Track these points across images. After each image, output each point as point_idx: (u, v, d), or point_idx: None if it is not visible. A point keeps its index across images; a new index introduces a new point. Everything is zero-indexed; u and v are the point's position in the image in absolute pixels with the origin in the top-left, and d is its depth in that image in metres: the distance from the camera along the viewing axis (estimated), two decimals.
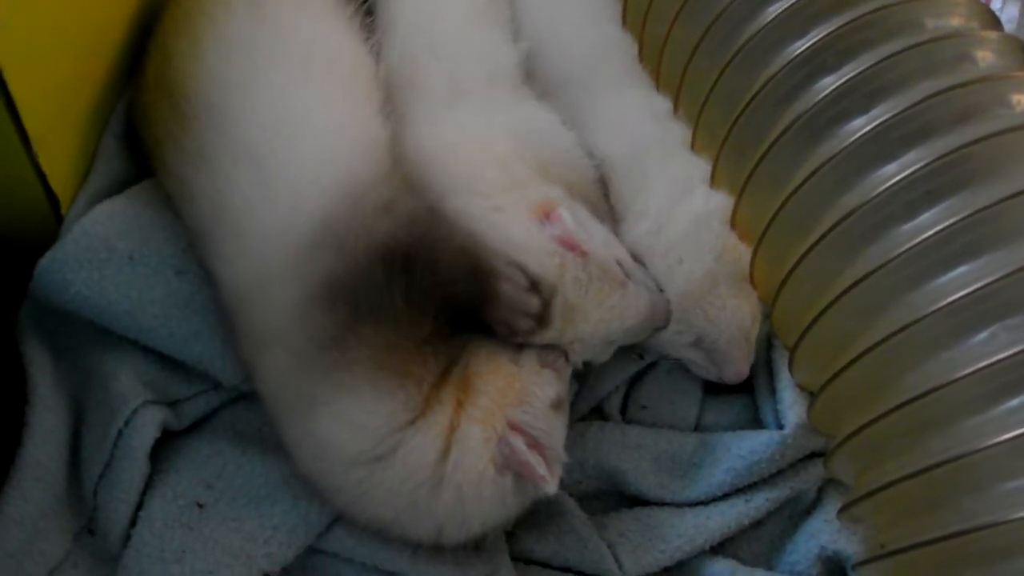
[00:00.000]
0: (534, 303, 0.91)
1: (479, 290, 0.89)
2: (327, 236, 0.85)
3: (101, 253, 0.92)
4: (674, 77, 1.05)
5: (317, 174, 0.89)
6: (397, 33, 1.10)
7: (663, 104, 1.09)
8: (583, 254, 0.93)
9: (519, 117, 1.06)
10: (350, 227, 0.85)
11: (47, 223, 0.94)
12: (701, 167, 1.03)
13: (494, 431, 0.85)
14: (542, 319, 0.92)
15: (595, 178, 1.07)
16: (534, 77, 1.12)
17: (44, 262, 0.92)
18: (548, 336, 0.93)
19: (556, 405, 0.89)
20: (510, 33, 1.15)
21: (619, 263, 0.96)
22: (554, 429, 0.88)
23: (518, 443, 0.84)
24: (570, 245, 0.93)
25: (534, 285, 0.91)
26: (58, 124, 0.92)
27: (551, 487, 0.84)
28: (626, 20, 1.15)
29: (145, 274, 0.94)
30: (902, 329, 0.80)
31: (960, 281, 0.79)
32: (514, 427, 0.85)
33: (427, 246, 0.87)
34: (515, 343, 0.93)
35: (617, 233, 1.03)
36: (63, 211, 0.95)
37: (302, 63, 0.96)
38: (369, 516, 0.86)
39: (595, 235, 0.97)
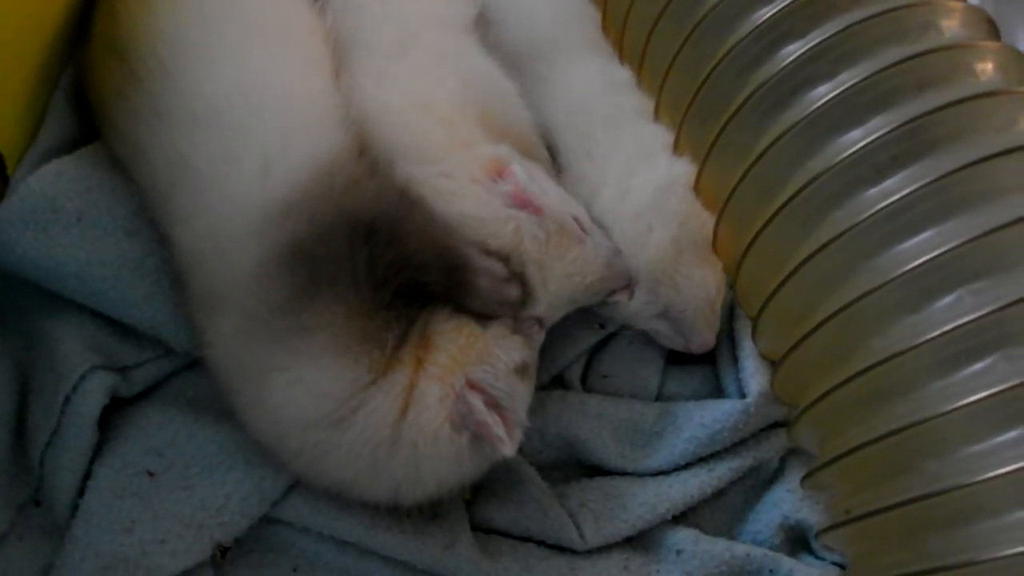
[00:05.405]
0: (514, 293, 0.90)
1: (456, 283, 0.88)
2: (299, 208, 0.83)
3: (48, 213, 0.89)
4: (637, 45, 1.04)
5: (288, 144, 0.87)
6: None
7: (621, 74, 1.08)
8: (537, 210, 0.91)
9: (463, 67, 1.03)
10: (323, 202, 0.84)
11: None
12: (661, 135, 1.02)
13: (452, 389, 0.83)
14: (523, 301, 0.91)
15: (538, 134, 1.05)
16: (495, 47, 1.10)
17: None
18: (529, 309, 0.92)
19: (521, 370, 0.87)
20: None
21: (575, 219, 0.94)
22: (517, 393, 0.86)
23: (475, 401, 0.82)
24: (523, 202, 0.91)
25: (510, 271, 0.90)
26: (5, 81, 0.89)
27: (508, 449, 0.82)
28: None
29: (94, 235, 0.91)
30: (866, 294, 0.80)
31: (925, 246, 0.78)
32: (473, 386, 0.83)
33: (392, 222, 0.85)
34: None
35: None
36: (9, 172, 0.91)
37: (260, 27, 0.94)
38: (327, 479, 0.84)
39: (549, 191, 0.95)
